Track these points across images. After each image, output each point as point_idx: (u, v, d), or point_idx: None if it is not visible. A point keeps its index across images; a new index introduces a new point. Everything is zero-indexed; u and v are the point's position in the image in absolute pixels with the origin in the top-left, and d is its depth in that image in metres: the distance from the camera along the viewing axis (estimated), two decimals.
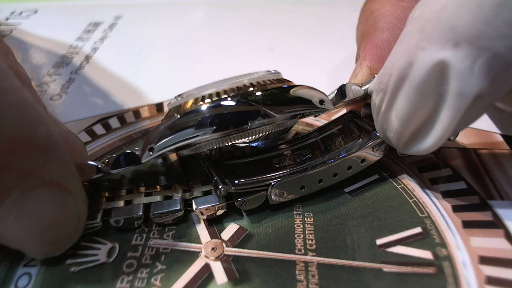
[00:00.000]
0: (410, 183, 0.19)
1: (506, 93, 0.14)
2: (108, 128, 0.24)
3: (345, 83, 0.18)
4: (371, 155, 0.18)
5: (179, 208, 0.17)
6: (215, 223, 0.17)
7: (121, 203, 0.18)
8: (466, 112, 0.14)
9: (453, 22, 0.13)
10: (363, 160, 0.18)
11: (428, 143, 0.16)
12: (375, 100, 0.17)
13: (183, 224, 0.17)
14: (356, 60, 0.21)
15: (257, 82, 0.16)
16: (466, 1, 0.13)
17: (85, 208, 0.16)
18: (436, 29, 0.14)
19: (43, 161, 0.14)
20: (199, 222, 0.17)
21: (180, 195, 0.18)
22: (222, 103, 0.15)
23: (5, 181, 0.14)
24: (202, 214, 0.17)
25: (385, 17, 0.20)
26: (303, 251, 0.16)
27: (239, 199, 0.17)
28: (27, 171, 0.14)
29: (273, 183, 0.17)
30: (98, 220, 0.17)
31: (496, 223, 0.17)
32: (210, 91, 0.16)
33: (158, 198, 0.18)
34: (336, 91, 0.18)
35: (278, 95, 0.16)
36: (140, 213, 0.17)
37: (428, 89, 0.14)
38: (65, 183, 0.15)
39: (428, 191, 0.18)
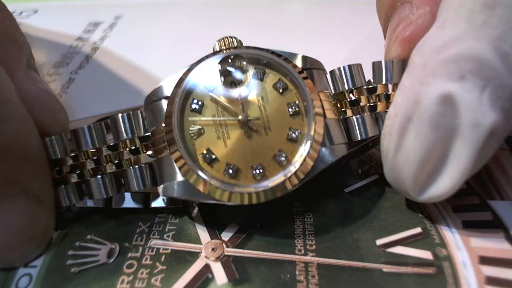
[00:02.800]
0: None
1: None
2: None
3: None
4: None
5: None
6: (215, 223, 0.17)
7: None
8: (483, 147, 0.14)
9: (455, 56, 0.14)
10: None
11: (447, 184, 0.15)
12: (383, 144, 0.16)
13: (183, 224, 0.17)
14: (385, 31, 0.19)
15: None
16: (466, 35, 0.14)
17: (53, 224, 0.17)
18: (439, 64, 0.14)
19: (28, 172, 0.15)
20: (200, 223, 0.17)
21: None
22: None
23: None
24: None
25: None
26: (303, 251, 0.16)
27: None
28: (12, 179, 0.15)
29: None
30: None
31: (496, 223, 0.17)
32: None
33: None
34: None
35: None
36: None
37: (440, 123, 0.14)
38: (41, 196, 0.16)
39: None
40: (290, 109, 0.17)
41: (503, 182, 0.19)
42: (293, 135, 0.16)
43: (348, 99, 0.18)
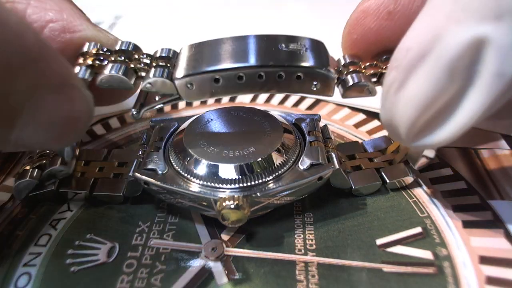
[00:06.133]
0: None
1: None
2: (108, 128, 0.24)
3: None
4: None
5: None
6: (215, 223, 0.17)
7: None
8: (502, 95, 0.12)
9: None
10: None
11: (446, 132, 0.13)
12: (386, 79, 0.14)
13: (183, 224, 0.17)
14: None
15: None
16: None
17: (91, 97, 0.16)
18: None
19: (41, 69, 0.14)
20: (199, 222, 0.17)
21: None
22: None
23: (13, 102, 0.13)
24: None
25: None
26: (303, 251, 0.16)
27: None
28: (31, 84, 0.14)
29: None
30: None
31: (496, 223, 0.17)
32: None
33: None
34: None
35: None
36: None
37: (458, 69, 0.12)
38: (68, 81, 0.15)
39: (428, 191, 0.18)
40: None
41: (503, 182, 0.19)
42: None
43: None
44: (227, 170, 0.16)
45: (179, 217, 0.18)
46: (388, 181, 0.18)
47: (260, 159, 0.16)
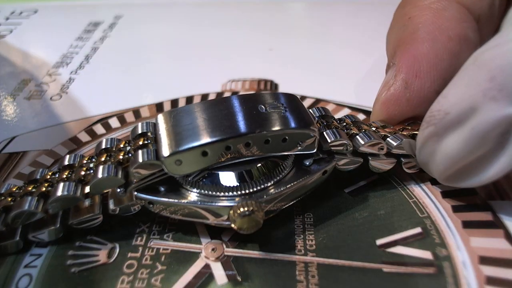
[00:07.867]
0: (410, 183, 0.19)
1: None
2: (108, 128, 0.24)
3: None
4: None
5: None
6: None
7: None
8: None
9: None
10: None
11: (476, 182, 0.16)
12: (424, 131, 0.16)
13: (183, 224, 0.17)
14: (388, 67, 0.20)
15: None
16: None
17: None
18: (510, 82, 0.14)
19: None
20: (200, 223, 0.17)
21: None
22: None
23: None
24: None
25: (426, 26, 0.19)
26: (303, 251, 0.16)
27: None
28: None
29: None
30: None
31: (496, 223, 0.17)
32: None
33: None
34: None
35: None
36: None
37: (490, 136, 0.14)
38: None
39: (428, 191, 0.18)
40: None
41: (503, 182, 0.19)
42: None
43: None
44: (233, 177, 0.16)
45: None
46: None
47: (259, 164, 0.16)
